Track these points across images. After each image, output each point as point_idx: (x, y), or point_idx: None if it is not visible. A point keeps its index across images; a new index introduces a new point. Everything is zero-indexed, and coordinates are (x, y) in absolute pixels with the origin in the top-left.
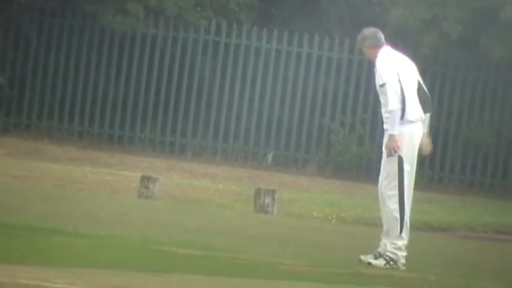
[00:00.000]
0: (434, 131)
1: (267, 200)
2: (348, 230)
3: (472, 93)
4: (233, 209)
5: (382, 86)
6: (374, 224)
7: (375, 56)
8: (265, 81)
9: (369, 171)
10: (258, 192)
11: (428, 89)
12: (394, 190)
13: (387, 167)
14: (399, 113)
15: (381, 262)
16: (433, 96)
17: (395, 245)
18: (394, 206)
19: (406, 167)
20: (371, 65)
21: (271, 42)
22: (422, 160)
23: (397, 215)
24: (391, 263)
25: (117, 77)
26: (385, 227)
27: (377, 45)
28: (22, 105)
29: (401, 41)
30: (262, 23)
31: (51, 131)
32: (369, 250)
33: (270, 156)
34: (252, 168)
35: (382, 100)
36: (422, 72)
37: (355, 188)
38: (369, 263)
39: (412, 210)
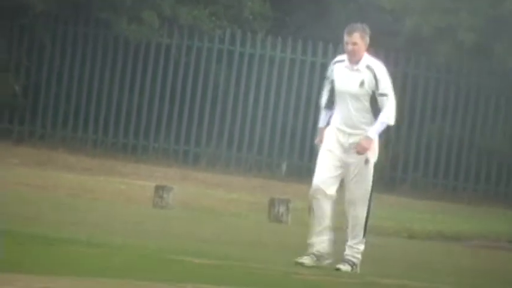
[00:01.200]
0: (448, 140)
1: (281, 209)
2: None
3: (486, 102)
4: (247, 218)
5: (384, 95)
6: (387, 234)
7: (361, 54)
8: (280, 90)
9: (381, 179)
10: (272, 202)
11: (442, 98)
12: (366, 194)
13: (362, 171)
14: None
15: (347, 268)
16: (447, 105)
17: (358, 249)
18: (362, 209)
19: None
20: None
21: (285, 51)
22: (436, 169)
23: (364, 218)
24: (354, 267)
25: (132, 86)
26: (321, 228)
27: (367, 45)
28: (36, 114)
29: (414, 50)
30: (276, 32)
31: (65, 140)
32: (385, 261)
33: (284, 166)
34: (266, 178)
35: (363, 104)
36: (436, 80)
37: None
38: (338, 269)
39: (427, 219)
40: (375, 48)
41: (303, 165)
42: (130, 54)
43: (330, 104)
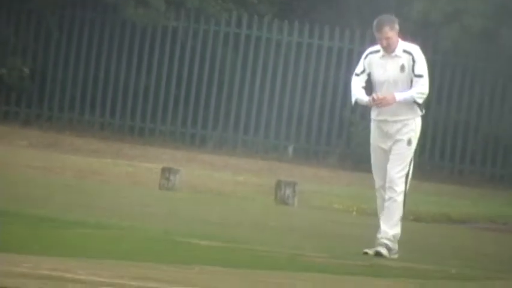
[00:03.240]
0: (455, 123)
1: (288, 192)
2: (368, 222)
3: (492, 86)
4: (254, 200)
5: (419, 76)
6: None
7: (396, 42)
8: (286, 74)
9: None
10: (278, 184)
11: (449, 82)
12: (403, 176)
13: (403, 151)
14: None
15: (385, 252)
16: (454, 89)
17: (397, 232)
18: (401, 187)
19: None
20: None
21: (292, 35)
22: (442, 152)
23: (402, 202)
24: (391, 251)
25: (139, 69)
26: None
27: (398, 33)
28: (43, 97)
29: (422, 34)
30: (283, 16)
31: (72, 123)
32: None
33: (290, 149)
34: (272, 161)
35: (404, 90)
36: (443, 65)
37: (373, 181)
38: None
39: (433, 202)
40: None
41: (309, 148)
42: (137, 37)
43: (367, 91)
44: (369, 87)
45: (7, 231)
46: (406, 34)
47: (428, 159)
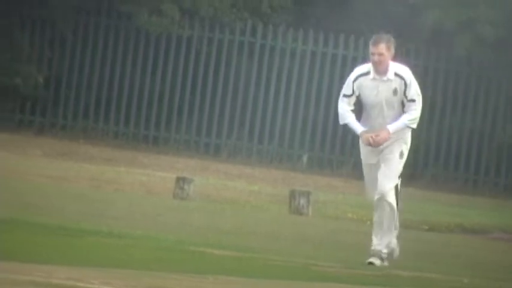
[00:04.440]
0: (469, 133)
1: (302, 201)
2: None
3: (506, 95)
4: (268, 210)
5: (412, 101)
6: (408, 226)
7: (387, 63)
8: (301, 83)
9: (402, 173)
10: (293, 194)
11: (463, 91)
12: (393, 184)
13: (395, 163)
14: None
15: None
16: (468, 98)
17: (395, 238)
18: (392, 198)
19: None
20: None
21: (306, 44)
22: (457, 163)
23: (395, 204)
24: (383, 261)
25: (153, 78)
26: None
27: (393, 55)
28: (58, 105)
29: (435, 43)
30: (297, 25)
31: (86, 131)
32: (405, 253)
33: (305, 158)
34: (287, 170)
35: (398, 111)
36: (457, 74)
37: None
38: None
39: (447, 212)
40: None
41: (324, 157)
42: (151, 46)
43: (353, 113)
44: (357, 109)
45: (20, 240)
46: (419, 43)
47: (443, 168)
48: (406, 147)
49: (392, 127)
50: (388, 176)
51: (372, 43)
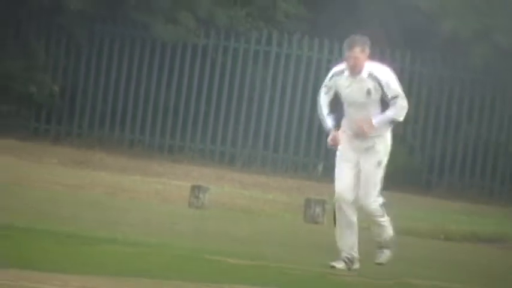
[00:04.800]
0: (485, 142)
1: (317, 210)
2: (397, 241)
3: None
4: (283, 219)
5: (394, 98)
6: (423, 235)
7: (362, 64)
8: (316, 91)
9: (418, 181)
10: (308, 203)
11: (479, 100)
12: (376, 196)
13: (374, 172)
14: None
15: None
16: (484, 107)
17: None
18: (380, 212)
19: None
20: (421, 76)
21: (322, 52)
22: (473, 171)
23: (378, 211)
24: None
25: (168, 87)
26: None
27: (367, 56)
28: (73, 114)
29: (451, 51)
30: (312, 33)
31: (102, 140)
32: (421, 262)
33: (320, 167)
34: (302, 179)
35: (374, 111)
36: (473, 82)
37: (404, 199)
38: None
39: (462, 221)
40: (411, 49)
41: None
42: (167, 54)
43: (332, 109)
44: (335, 103)
45: (36, 249)
46: (436, 51)
47: (459, 178)
48: (384, 154)
49: (376, 119)
50: (368, 190)
51: (346, 46)
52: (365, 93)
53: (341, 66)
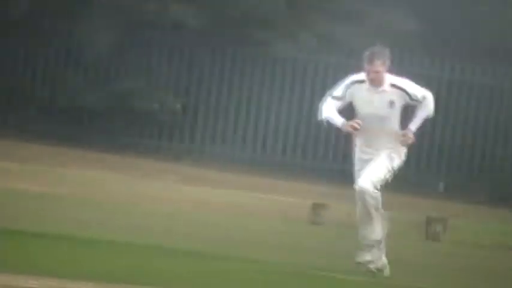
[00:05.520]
0: None
1: (438, 228)
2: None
3: None
4: (404, 237)
5: (421, 97)
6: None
7: (384, 77)
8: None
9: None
10: (429, 220)
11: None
12: (376, 176)
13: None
14: None
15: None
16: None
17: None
18: (371, 187)
19: None
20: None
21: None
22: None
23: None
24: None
25: (292, 104)
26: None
27: (388, 68)
28: (195, 132)
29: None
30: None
31: (219, 158)
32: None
33: (441, 186)
34: (421, 196)
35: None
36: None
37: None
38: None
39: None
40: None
41: (464, 184)
42: (288, 72)
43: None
44: (342, 112)
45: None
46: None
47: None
48: (398, 157)
49: (413, 126)
50: (369, 173)
51: (366, 60)
52: (387, 104)
53: (360, 76)
